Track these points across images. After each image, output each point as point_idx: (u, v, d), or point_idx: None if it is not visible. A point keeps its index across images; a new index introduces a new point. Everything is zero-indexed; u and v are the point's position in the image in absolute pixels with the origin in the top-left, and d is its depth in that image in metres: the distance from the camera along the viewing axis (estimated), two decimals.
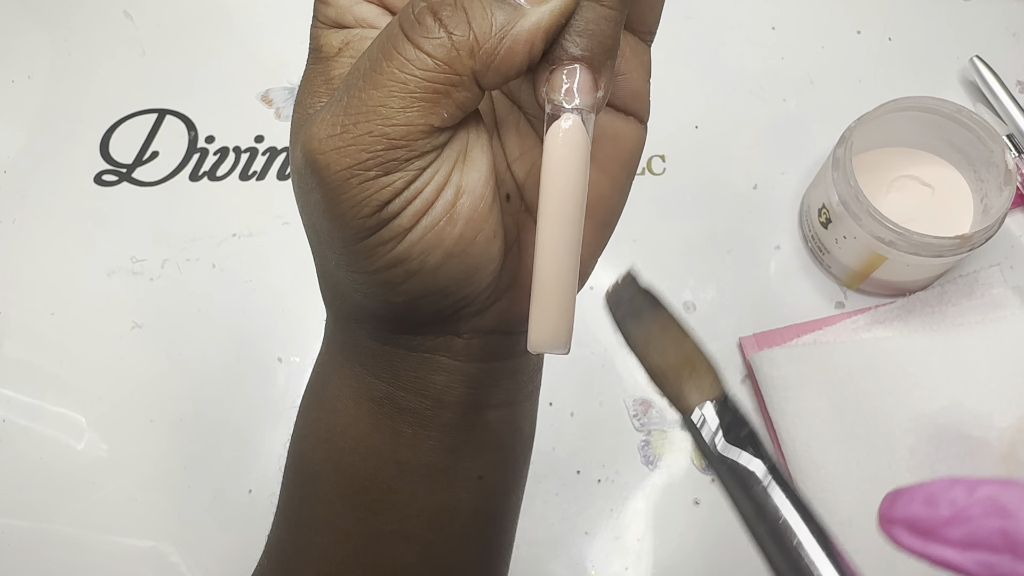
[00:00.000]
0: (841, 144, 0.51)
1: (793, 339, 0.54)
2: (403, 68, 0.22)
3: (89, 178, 0.62)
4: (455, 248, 0.24)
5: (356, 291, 0.26)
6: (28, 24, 0.67)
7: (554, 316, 0.23)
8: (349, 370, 0.29)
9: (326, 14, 0.25)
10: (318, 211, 0.24)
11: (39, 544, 0.53)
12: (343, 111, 0.22)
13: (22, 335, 0.58)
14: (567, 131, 0.22)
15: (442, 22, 0.22)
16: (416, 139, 0.22)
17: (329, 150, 0.22)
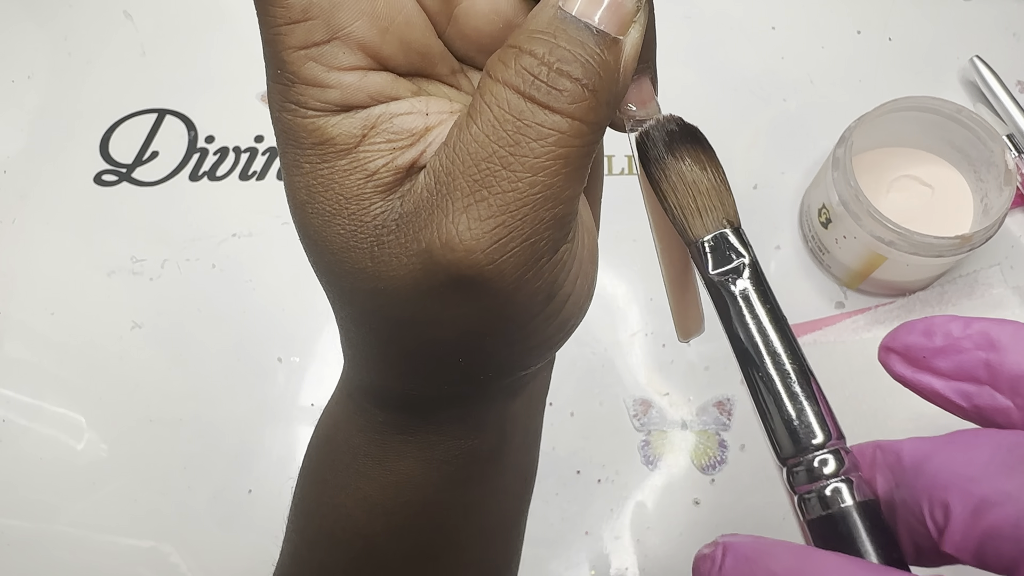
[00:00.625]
0: (841, 144, 0.51)
1: None
2: (562, 143, 0.20)
3: (89, 178, 0.62)
4: (593, 283, 0.24)
5: (502, 376, 0.25)
6: (28, 24, 0.67)
7: (693, 312, 0.28)
8: (414, 445, 0.27)
9: (323, 99, 0.21)
10: (469, 322, 0.21)
11: (39, 544, 0.53)
12: (499, 211, 0.20)
13: (22, 335, 0.58)
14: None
15: (580, 81, 0.20)
16: (576, 207, 0.21)
17: (499, 258, 0.20)
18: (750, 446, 0.53)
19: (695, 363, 0.55)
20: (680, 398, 0.54)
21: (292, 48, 0.20)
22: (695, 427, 0.54)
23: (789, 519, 0.57)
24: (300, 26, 0.20)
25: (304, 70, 0.21)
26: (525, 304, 0.21)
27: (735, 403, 0.54)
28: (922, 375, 0.21)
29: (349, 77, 0.21)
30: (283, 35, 0.20)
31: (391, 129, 0.21)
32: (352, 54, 0.21)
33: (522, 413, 0.28)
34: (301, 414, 0.55)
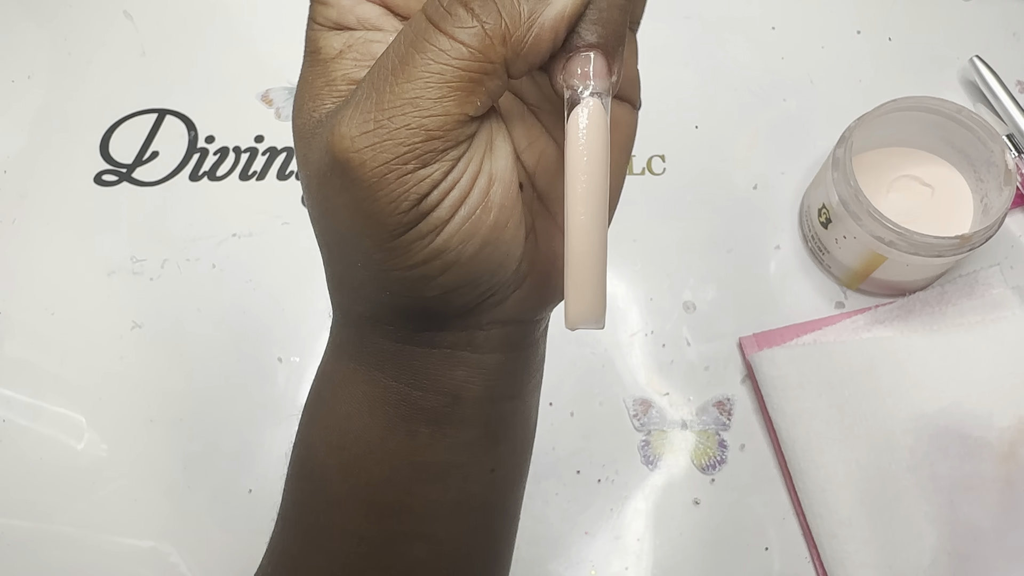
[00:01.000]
0: (841, 144, 0.51)
1: (793, 339, 0.54)
2: (438, 58, 0.22)
3: (89, 178, 0.62)
4: (490, 236, 0.24)
5: (383, 289, 0.26)
6: (28, 24, 0.67)
7: (590, 293, 0.24)
8: (363, 375, 0.28)
9: (325, 15, 0.25)
10: (346, 212, 0.24)
11: (39, 544, 0.53)
12: (374, 107, 0.22)
13: (22, 335, 0.58)
14: (589, 113, 0.23)
15: (474, 12, 0.22)
16: (452, 128, 0.22)
17: (363, 147, 0.22)
18: (750, 446, 0.53)
19: (695, 363, 0.55)
20: (680, 398, 0.54)
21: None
22: (695, 427, 0.54)
23: (789, 519, 0.57)
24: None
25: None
26: (388, 205, 0.23)
27: (735, 403, 0.54)
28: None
29: (346, 0, 0.25)
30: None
31: (362, 50, 0.25)
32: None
33: (483, 398, 0.28)
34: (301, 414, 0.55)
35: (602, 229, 0.24)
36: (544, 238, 0.28)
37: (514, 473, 0.32)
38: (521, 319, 0.28)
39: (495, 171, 0.24)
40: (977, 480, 0.49)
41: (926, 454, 0.50)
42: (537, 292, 0.28)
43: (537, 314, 0.29)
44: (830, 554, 0.49)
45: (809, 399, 0.51)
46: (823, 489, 0.50)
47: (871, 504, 0.49)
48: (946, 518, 0.49)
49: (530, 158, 0.28)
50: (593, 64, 0.23)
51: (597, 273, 0.24)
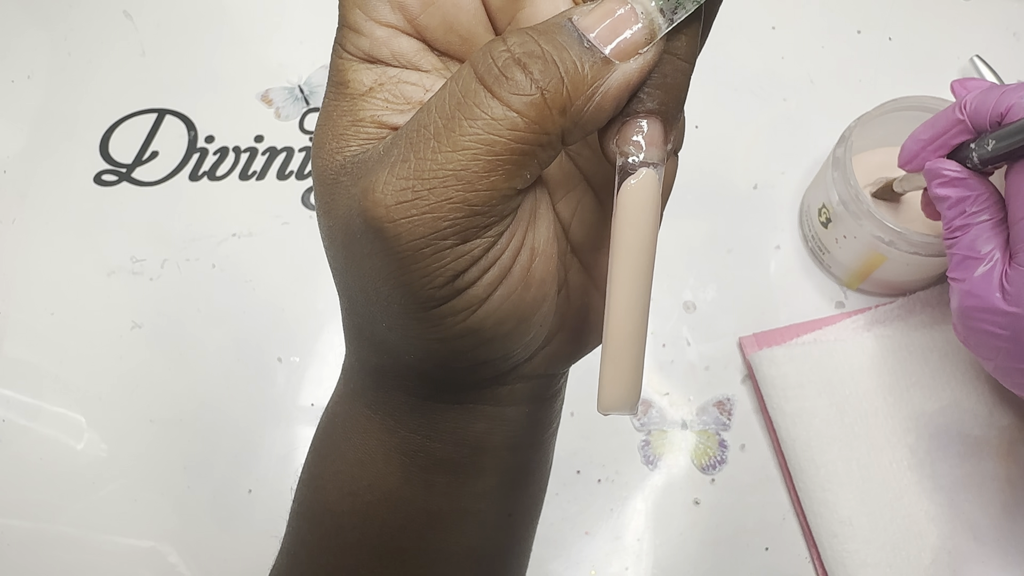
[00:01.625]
0: (841, 144, 0.51)
1: (793, 339, 0.54)
2: (490, 129, 0.20)
3: (89, 178, 0.62)
4: (528, 312, 0.23)
5: (409, 354, 0.24)
6: (28, 24, 0.67)
7: (626, 378, 0.22)
8: (379, 423, 0.27)
9: (357, 45, 0.22)
10: (376, 277, 0.22)
11: (39, 544, 0.53)
12: (413, 175, 0.20)
13: (22, 335, 0.58)
14: (642, 186, 0.21)
15: (532, 76, 0.20)
16: (497, 204, 0.20)
17: (400, 218, 0.20)
18: (750, 446, 0.53)
19: (695, 363, 0.55)
20: (680, 398, 0.54)
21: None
22: (695, 427, 0.54)
23: (789, 519, 0.57)
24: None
25: (350, 14, 0.22)
26: (422, 279, 0.21)
27: (735, 403, 0.54)
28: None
29: (381, 32, 0.22)
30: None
31: (394, 91, 0.22)
32: (391, 12, 0.22)
33: (503, 447, 0.28)
34: (301, 414, 0.55)
35: (645, 311, 0.23)
36: (576, 293, 0.26)
37: (530, 516, 0.32)
38: (547, 373, 0.27)
39: (538, 244, 0.23)
40: (977, 479, 0.49)
41: (927, 453, 0.50)
42: (566, 348, 0.27)
43: (564, 368, 0.28)
44: (831, 553, 0.49)
45: (809, 398, 0.51)
46: (823, 488, 0.50)
47: (872, 503, 0.49)
48: (947, 517, 0.49)
49: (565, 209, 0.26)
50: (649, 132, 0.21)
51: (635, 358, 0.22)
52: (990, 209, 0.41)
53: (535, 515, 0.32)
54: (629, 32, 0.20)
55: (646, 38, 0.20)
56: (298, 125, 0.63)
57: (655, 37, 0.20)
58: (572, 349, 0.27)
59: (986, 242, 0.40)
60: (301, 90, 0.64)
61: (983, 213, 0.41)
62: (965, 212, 0.41)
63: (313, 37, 0.65)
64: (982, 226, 0.41)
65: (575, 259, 0.26)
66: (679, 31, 0.21)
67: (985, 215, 0.41)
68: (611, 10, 0.20)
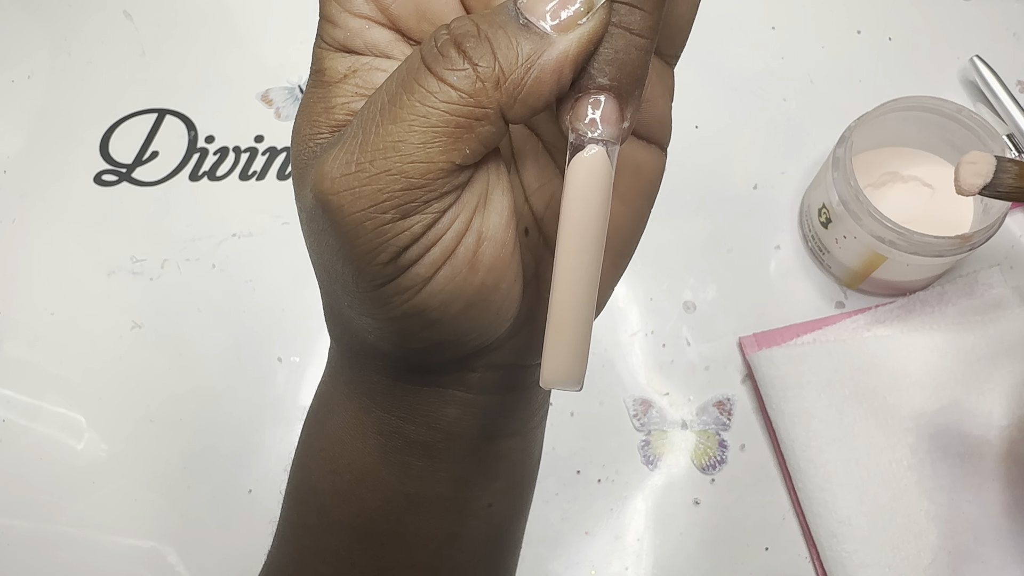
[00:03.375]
0: (841, 144, 0.51)
1: (793, 339, 0.54)
2: (424, 101, 0.20)
3: (89, 178, 0.62)
4: (476, 297, 0.23)
5: (369, 333, 0.25)
6: (28, 24, 0.67)
7: (569, 353, 0.22)
8: (356, 403, 0.28)
9: (333, 36, 0.23)
10: (331, 254, 0.22)
11: (39, 544, 0.53)
12: (358, 148, 0.21)
13: (22, 335, 0.58)
14: (590, 162, 0.21)
15: (466, 53, 0.20)
16: (436, 178, 0.21)
17: (343, 190, 0.21)
18: (750, 446, 0.53)
19: (695, 363, 0.55)
20: (680, 398, 0.54)
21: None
22: (695, 427, 0.54)
23: (789, 519, 0.57)
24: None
25: (326, 6, 0.23)
26: (367, 254, 0.21)
27: (735, 403, 0.54)
28: None
29: (354, 23, 0.23)
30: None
31: (365, 78, 0.23)
32: (364, 3, 0.23)
33: (478, 436, 0.27)
34: (301, 414, 0.55)
35: (591, 288, 0.22)
36: (547, 286, 0.26)
37: (514, 508, 0.31)
38: (519, 363, 0.27)
39: (486, 229, 0.22)
40: (977, 479, 0.49)
41: (926, 453, 0.50)
42: (535, 339, 0.26)
43: (536, 359, 0.27)
44: (830, 554, 0.49)
45: (808, 399, 0.51)
46: (822, 488, 0.50)
47: (871, 503, 0.49)
48: (946, 517, 0.49)
49: (540, 201, 0.26)
50: (603, 109, 0.21)
51: (579, 333, 0.22)
52: None
53: (521, 509, 0.32)
54: (566, 6, 0.21)
55: (583, 10, 0.20)
56: None
57: (592, 8, 0.20)
58: (542, 341, 0.27)
59: None
60: (301, 90, 0.64)
61: None
62: None
63: (313, 37, 0.65)
64: None
65: (547, 251, 0.26)
66: (631, 4, 0.21)
67: None
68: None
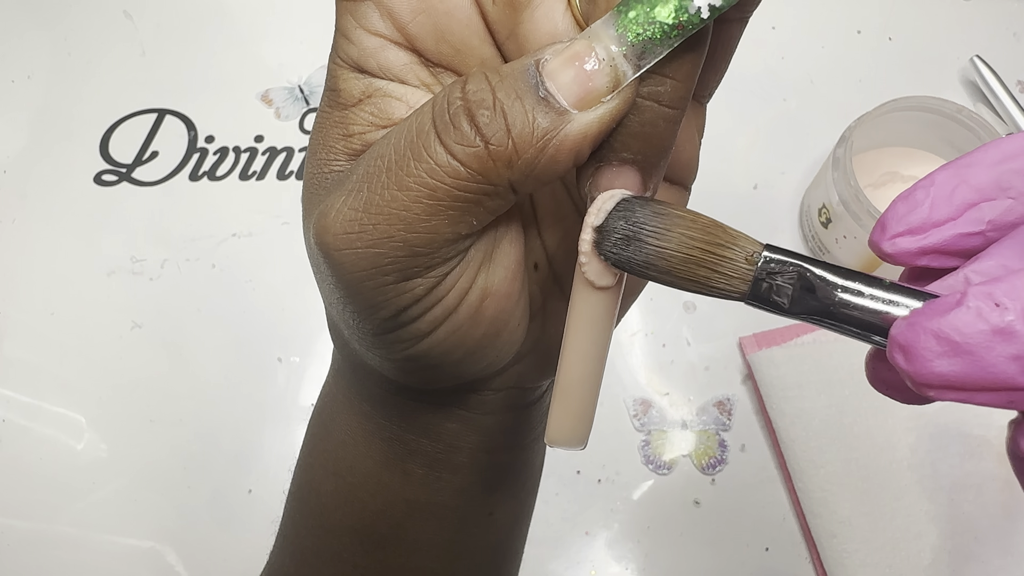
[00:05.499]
0: (841, 144, 0.51)
1: (793, 339, 0.54)
2: (432, 174, 0.19)
3: (89, 178, 0.62)
4: (478, 346, 0.23)
5: (370, 360, 0.25)
6: (28, 24, 0.67)
7: (576, 418, 0.22)
8: (358, 407, 0.28)
9: (347, 52, 0.22)
10: (334, 296, 0.22)
11: (39, 544, 0.53)
12: (363, 207, 0.20)
13: (22, 335, 0.58)
14: None
15: (478, 127, 0.19)
16: (440, 247, 0.20)
17: (344, 248, 0.20)
18: (750, 446, 0.53)
19: (695, 363, 0.55)
20: (680, 398, 0.54)
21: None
22: (695, 427, 0.54)
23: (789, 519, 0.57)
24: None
25: (342, 20, 0.22)
26: (367, 308, 0.21)
27: (735, 403, 0.54)
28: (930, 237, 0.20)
29: (370, 41, 0.21)
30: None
31: (379, 106, 0.22)
32: (380, 21, 0.21)
33: (478, 449, 0.28)
34: (301, 414, 0.55)
35: (601, 358, 0.22)
36: (554, 320, 0.25)
37: (515, 515, 0.31)
38: (520, 386, 0.27)
39: (491, 285, 0.22)
40: (977, 479, 0.49)
41: (926, 452, 0.50)
42: (538, 367, 0.26)
43: (536, 383, 0.27)
44: (830, 554, 0.49)
45: (809, 398, 0.51)
46: (823, 489, 0.50)
47: (871, 503, 0.49)
48: (946, 517, 0.49)
49: (552, 237, 0.25)
50: (623, 181, 0.20)
51: (586, 401, 0.22)
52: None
53: (522, 517, 0.32)
54: (591, 81, 0.19)
55: (608, 87, 0.19)
56: (298, 125, 0.63)
57: (620, 85, 0.19)
58: (543, 369, 0.27)
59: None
60: (301, 90, 0.64)
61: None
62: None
63: (313, 37, 0.65)
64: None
65: (557, 287, 0.25)
66: (662, 74, 0.19)
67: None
68: (577, 55, 0.19)
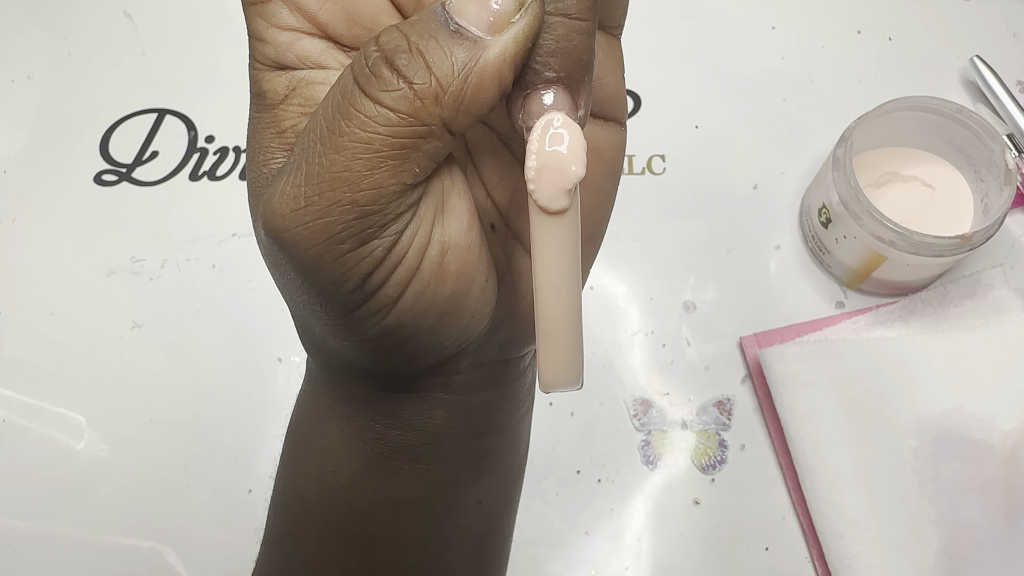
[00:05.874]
0: (841, 144, 0.51)
1: (794, 339, 0.54)
2: (365, 127, 0.19)
3: (89, 178, 0.62)
4: (449, 305, 0.22)
5: (346, 352, 0.24)
6: (28, 24, 0.67)
7: (564, 355, 0.22)
8: (338, 412, 0.27)
9: (264, 53, 0.22)
10: (295, 286, 0.22)
11: (39, 544, 0.53)
12: (304, 181, 0.20)
13: (22, 335, 0.58)
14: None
15: (399, 71, 0.19)
16: (389, 201, 0.20)
17: (295, 227, 0.20)
18: (750, 446, 0.53)
19: (695, 363, 0.55)
20: (680, 398, 0.54)
21: (249, 3, 0.22)
22: (695, 427, 0.54)
23: (789, 519, 0.57)
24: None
25: (252, 23, 0.22)
26: (331, 285, 0.21)
27: (735, 403, 0.54)
28: None
29: (283, 36, 0.22)
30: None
31: (305, 95, 0.22)
32: (290, 15, 0.22)
33: (465, 435, 0.27)
34: None
35: (574, 285, 0.22)
36: (523, 279, 0.25)
37: (503, 502, 0.31)
38: (502, 358, 0.27)
39: (448, 237, 0.22)
40: (979, 483, 0.49)
41: (929, 456, 0.50)
42: (519, 333, 0.26)
43: (519, 352, 0.27)
44: (836, 555, 0.49)
45: (819, 397, 0.51)
46: (831, 488, 0.50)
47: (878, 505, 0.49)
48: (949, 520, 0.49)
49: (502, 195, 0.25)
50: (554, 102, 0.20)
51: (571, 335, 0.22)
52: None
53: (510, 502, 0.31)
54: (496, 4, 0.19)
55: (514, 7, 0.19)
56: None
57: (525, 4, 0.19)
58: (523, 335, 0.26)
59: None
60: None
61: None
62: None
63: None
64: None
65: (517, 244, 0.25)
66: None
67: None
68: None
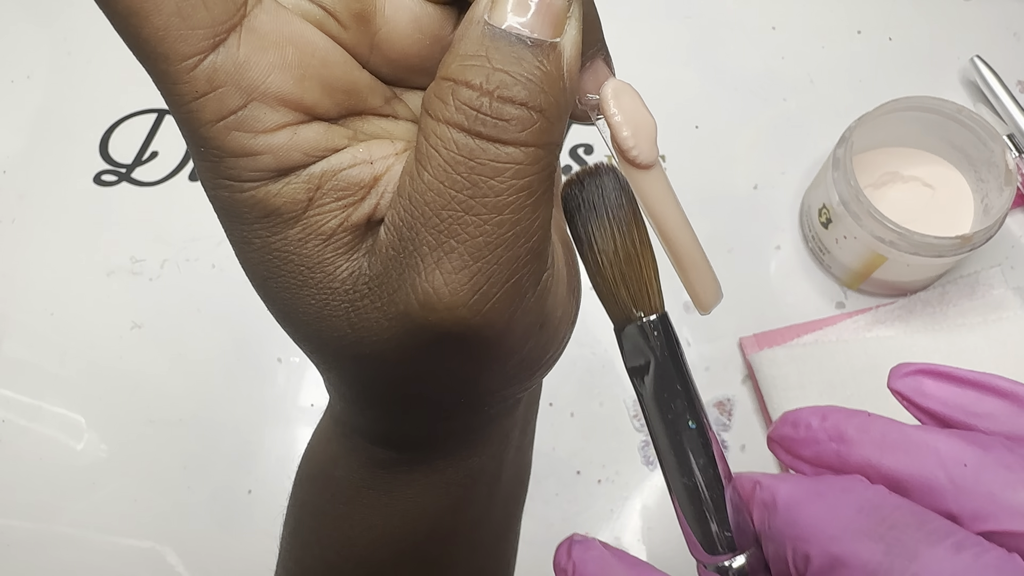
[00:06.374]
0: (841, 144, 0.51)
1: (794, 339, 0.54)
2: (520, 175, 0.18)
3: (89, 178, 0.62)
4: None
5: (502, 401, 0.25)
6: (28, 24, 0.67)
7: (709, 276, 0.25)
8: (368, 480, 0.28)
9: (259, 167, 0.19)
10: (468, 371, 0.21)
11: (39, 544, 0.53)
12: (471, 258, 0.18)
13: (22, 335, 0.58)
14: (628, 93, 0.23)
15: (525, 104, 0.18)
16: (549, 234, 0.20)
17: (484, 307, 0.19)
18: (750, 446, 0.53)
19: (695, 363, 0.55)
20: None
21: (209, 122, 0.18)
22: None
23: None
24: (210, 97, 0.18)
25: (228, 142, 0.19)
26: (518, 339, 0.21)
27: (735, 403, 0.54)
28: (795, 461, 0.24)
29: (278, 138, 0.19)
30: (195, 111, 0.18)
31: (338, 186, 0.19)
32: (274, 112, 0.19)
33: (520, 416, 0.28)
34: (301, 414, 0.55)
35: (686, 218, 0.24)
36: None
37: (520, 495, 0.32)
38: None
39: (557, 254, 0.22)
40: None
41: None
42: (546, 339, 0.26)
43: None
44: None
45: (810, 399, 0.51)
46: None
47: None
48: None
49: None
50: (600, 74, 0.22)
51: (704, 257, 0.24)
52: None
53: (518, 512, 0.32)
54: (550, 6, 0.19)
55: (567, 3, 0.19)
56: None
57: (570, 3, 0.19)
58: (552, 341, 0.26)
59: None
60: None
61: None
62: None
63: None
64: None
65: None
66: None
67: None
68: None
